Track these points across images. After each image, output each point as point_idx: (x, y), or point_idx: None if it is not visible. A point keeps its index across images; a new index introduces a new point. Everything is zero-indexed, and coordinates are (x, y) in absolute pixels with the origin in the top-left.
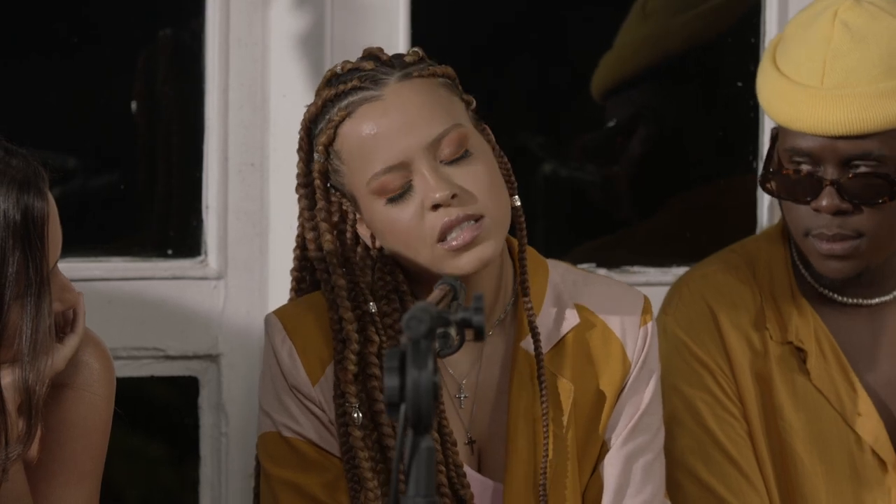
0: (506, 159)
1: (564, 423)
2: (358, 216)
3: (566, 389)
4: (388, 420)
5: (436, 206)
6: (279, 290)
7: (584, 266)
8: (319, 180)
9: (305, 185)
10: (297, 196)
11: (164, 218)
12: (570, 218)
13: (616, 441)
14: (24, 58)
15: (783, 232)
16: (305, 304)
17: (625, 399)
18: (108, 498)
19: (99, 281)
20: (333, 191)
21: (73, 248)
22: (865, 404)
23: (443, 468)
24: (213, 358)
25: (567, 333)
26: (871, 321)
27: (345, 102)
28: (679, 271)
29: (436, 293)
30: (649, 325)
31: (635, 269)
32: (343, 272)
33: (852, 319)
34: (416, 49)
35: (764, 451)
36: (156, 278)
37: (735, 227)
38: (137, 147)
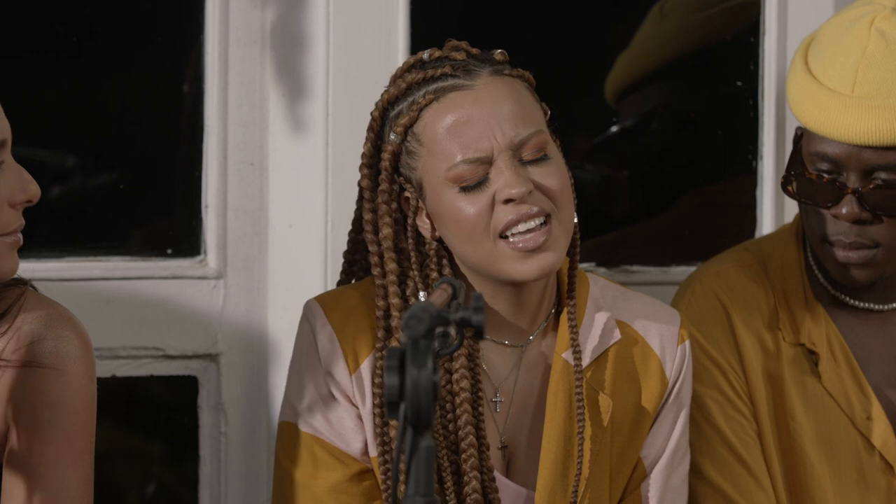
0: (571, 175)
1: (601, 438)
2: (420, 204)
3: (605, 405)
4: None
5: (508, 201)
6: (278, 289)
7: (584, 266)
8: (388, 161)
9: (371, 165)
10: (359, 175)
11: (164, 217)
12: None
13: (658, 464)
14: (23, 57)
15: (797, 233)
16: (349, 291)
17: (663, 420)
18: (108, 497)
19: (98, 280)
20: (398, 175)
21: (73, 247)
22: (875, 408)
23: (477, 473)
24: (212, 357)
25: (609, 348)
26: (882, 326)
27: (433, 87)
28: (679, 271)
29: (436, 293)
30: (687, 342)
31: (635, 268)
32: (396, 258)
33: (864, 324)
34: (502, 50)
35: (773, 451)
36: (155, 278)
37: (735, 226)
38: (136, 146)
